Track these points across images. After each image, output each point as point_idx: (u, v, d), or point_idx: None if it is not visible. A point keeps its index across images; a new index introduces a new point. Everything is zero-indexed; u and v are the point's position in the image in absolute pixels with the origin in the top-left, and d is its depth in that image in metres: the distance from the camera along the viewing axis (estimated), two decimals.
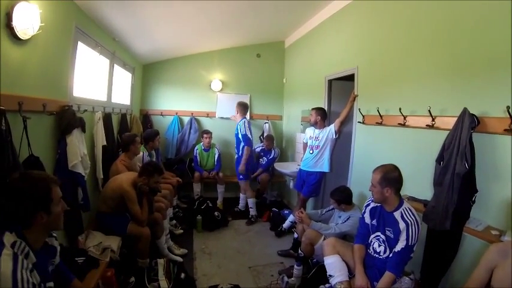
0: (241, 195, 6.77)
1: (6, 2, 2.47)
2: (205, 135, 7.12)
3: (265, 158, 7.34)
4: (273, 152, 7.30)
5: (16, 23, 2.54)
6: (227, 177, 7.40)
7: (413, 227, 2.78)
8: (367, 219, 3.24)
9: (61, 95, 3.61)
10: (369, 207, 3.25)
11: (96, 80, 4.90)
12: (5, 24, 2.49)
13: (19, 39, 2.65)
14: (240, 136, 6.21)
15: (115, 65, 5.57)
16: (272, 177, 7.33)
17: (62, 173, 3.33)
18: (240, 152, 6.30)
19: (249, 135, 6.17)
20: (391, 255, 2.93)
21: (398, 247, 2.84)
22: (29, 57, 2.89)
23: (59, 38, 3.48)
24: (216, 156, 7.27)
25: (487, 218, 2.62)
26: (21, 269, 1.74)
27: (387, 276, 2.84)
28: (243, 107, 6.45)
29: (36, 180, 1.94)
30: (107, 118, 4.81)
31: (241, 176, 6.46)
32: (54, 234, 2.24)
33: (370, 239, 3.18)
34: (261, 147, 7.53)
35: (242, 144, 6.17)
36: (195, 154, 7.16)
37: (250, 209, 6.54)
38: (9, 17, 2.49)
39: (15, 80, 2.71)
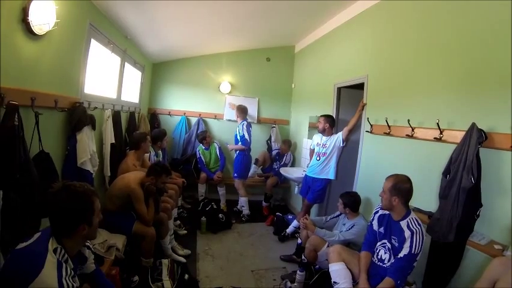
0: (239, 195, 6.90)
1: None
2: (206, 136, 7.16)
3: (278, 163, 7.41)
4: (284, 157, 7.39)
5: (32, 18, 2.56)
6: (229, 179, 7.43)
7: (417, 236, 2.80)
8: (375, 226, 3.26)
9: (72, 91, 3.64)
10: (378, 214, 3.28)
11: (106, 78, 4.94)
12: (20, 19, 2.51)
13: (34, 34, 2.67)
14: (238, 137, 6.45)
15: (126, 63, 5.59)
16: (282, 182, 7.35)
17: (70, 169, 3.37)
18: (237, 152, 6.62)
19: (247, 137, 6.35)
20: (393, 261, 2.96)
21: (401, 254, 2.85)
22: (43, 52, 2.92)
23: (73, 35, 3.51)
24: (218, 150, 7.32)
25: (491, 232, 2.63)
26: (66, 276, 1.82)
27: (386, 281, 2.85)
28: (241, 111, 6.60)
29: (81, 193, 2.00)
30: (116, 116, 4.82)
31: (235, 174, 6.65)
32: (88, 244, 2.31)
33: (376, 246, 3.21)
34: (276, 151, 7.61)
35: (239, 144, 6.42)
36: (198, 156, 7.17)
37: (242, 208, 6.70)
38: (25, 11, 2.51)
39: (29, 75, 2.74)
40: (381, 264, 3.09)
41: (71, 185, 2.03)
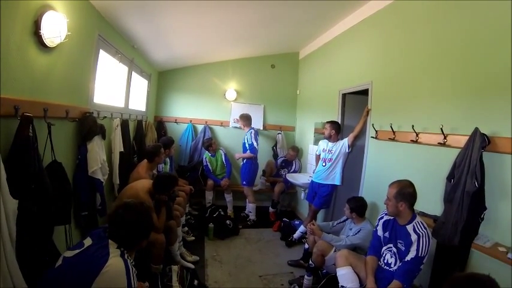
0: (247, 201, 6.95)
1: (35, 10, 2.56)
2: (212, 143, 7.22)
3: (286, 170, 7.44)
4: (293, 164, 7.43)
5: (44, 31, 2.63)
6: (235, 186, 7.49)
7: (424, 239, 2.85)
8: (380, 232, 3.32)
9: (82, 101, 3.72)
10: (382, 220, 3.33)
11: (114, 87, 5.00)
12: (33, 32, 2.58)
13: (46, 46, 2.74)
14: (247, 145, 6.53)
15: (133, 72, 5.67)
16: (288, 189, 7.38)
17: (81, 178, 3.43)
18: (245, 160, 6.68)
19: (255, 145, 6.46)
20: (400, 264, 3.01)
21: (408, 257, 2.90)
22: (55, 64, 2.98)
23: (83, 46, 3.59)
24: (224, 157, 7.39)
25: (495, 235, 2.66)
26: (129, 262, 2.07)
27: (394, 284, 2.90)
28: (245, 119, 6.71)
29: (143, 213, 2.23)
30: (124, 125, 4.88)
31: (244, 182, 6.74)
32: None
33: (383, 250, 3.26)
34: (282, 159, 7.65)
35: (248, 151, 6.50)
36: (205, 163, 7.22)
37: (249, 213, 6.80)
38: (37, 25, 2.58)
39: (41, 86, 2.80)
40: (387, 268, 3.14)
41: (132, 204, 2.24)
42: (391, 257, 3.12)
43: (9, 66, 2.30)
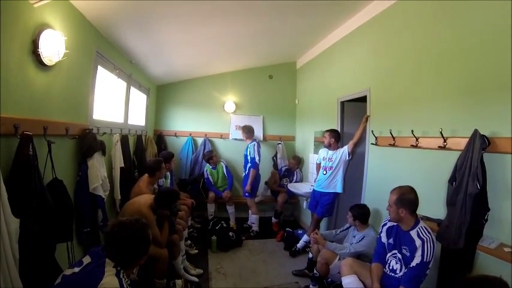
0: (250, 212, 6.92)
1: (33, 29, 2.59)
2: (213, 156, 7.26)
3: (288, 179, 7.44)
4: (295, 174, 7.40)
5: (42, 49, 2.65)
6: (237, 197, 7.48)
7: (428, 244, 2.84)
8: (384, 239, 3.30)
9: (82, 118, 3.73)
10: (386, 226, 3.31)
11: (113, 102, 5.02)
12: (31, 51, 2.59)
13: (44, 65, 2.76)
14: (248, 158, 6.49)
15: (131, 87, 5.69)
16: (290, 198, 7.36)
17: (82, 195, 3.43)
18: (247, 171, 6.60)
19: (257, 159, 6.43)
20: (405, 270, 2.98)
21: (414, 263, 2.88)
22: (53, 82, 3.00)
23: (81, 63, 3.61)
24: (225, 169, 7.41)
25: (500, 235, 2.64)
26: (124, 282, 2.06)
27: None
28: (248, 131, 6.70)
29: (138, 231, 2.22)
30: (124, 140, 4.90)
31: (246, 194, 6.69)
32: None
33: (387, 257, 3.23)
34: (285, 167, 7.67)
35: (249, 165, 6.46)
36: (206, 176, 7.21)
37: (252, 224, 6.78)
38: (35, 44, 2.60)
39: (40, 104, 2.81)
40: (392, 274, 3.11)
41: (126, 224, 2.21)
42: (396, 263, 3.10)
43: (9, 86, 2.32)
